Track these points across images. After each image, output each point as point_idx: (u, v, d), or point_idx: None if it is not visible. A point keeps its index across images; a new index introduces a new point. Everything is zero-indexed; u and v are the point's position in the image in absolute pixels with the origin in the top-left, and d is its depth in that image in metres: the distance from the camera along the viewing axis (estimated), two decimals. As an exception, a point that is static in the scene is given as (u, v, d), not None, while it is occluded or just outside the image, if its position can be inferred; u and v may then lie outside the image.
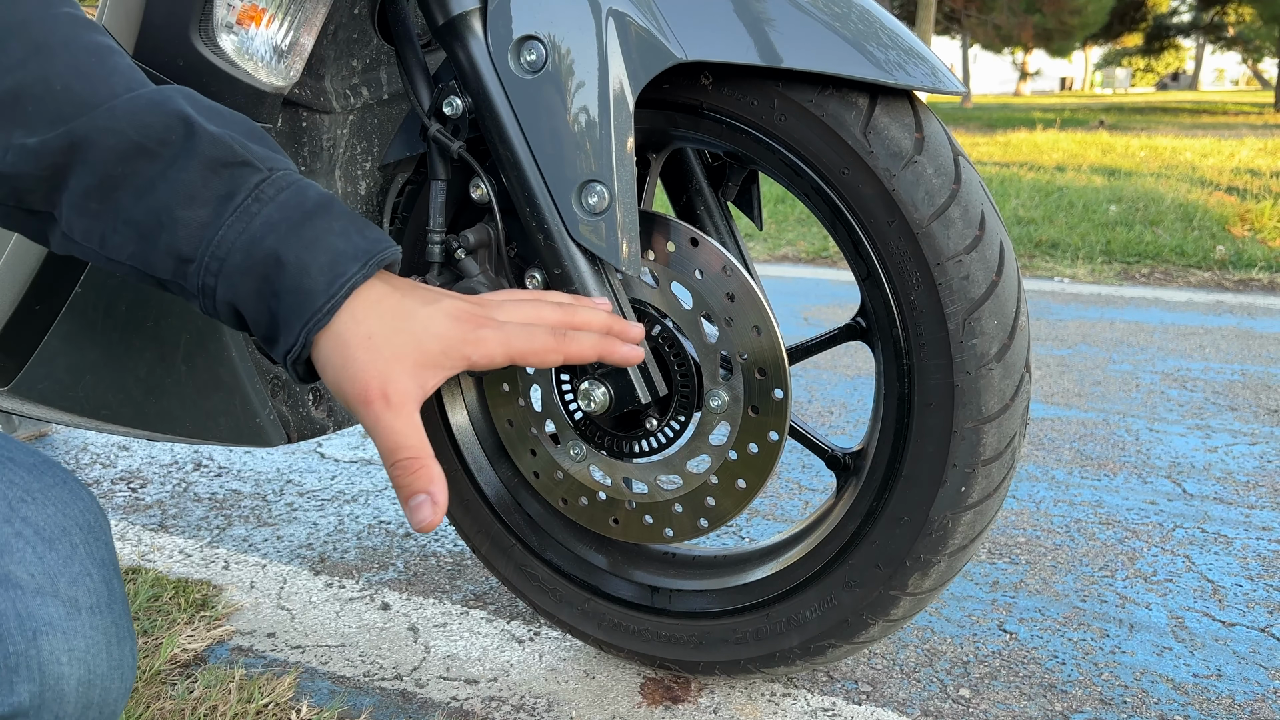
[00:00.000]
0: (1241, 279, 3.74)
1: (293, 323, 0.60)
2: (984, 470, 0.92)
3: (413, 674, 1.18)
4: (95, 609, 0.53)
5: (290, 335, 0.60)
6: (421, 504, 0.60)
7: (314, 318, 0.59)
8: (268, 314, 0.60)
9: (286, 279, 0.59)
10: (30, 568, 0.51)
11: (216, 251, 0.59)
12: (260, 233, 0.59)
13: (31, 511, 0.53)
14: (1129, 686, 1.15)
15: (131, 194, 0.59)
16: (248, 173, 0.60)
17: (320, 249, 0.60)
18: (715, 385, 0.95)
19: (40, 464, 0.57)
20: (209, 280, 0.60)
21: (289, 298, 0.59)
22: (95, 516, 0.57)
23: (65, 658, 0.51)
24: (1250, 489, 1.74)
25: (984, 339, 0.88)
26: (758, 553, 1.09)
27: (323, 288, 0.59)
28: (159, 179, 0.59)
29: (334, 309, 0.60)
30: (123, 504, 1.70)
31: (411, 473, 0.61)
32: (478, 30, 0.88)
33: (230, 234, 0.59)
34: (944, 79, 0.88)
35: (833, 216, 0.90)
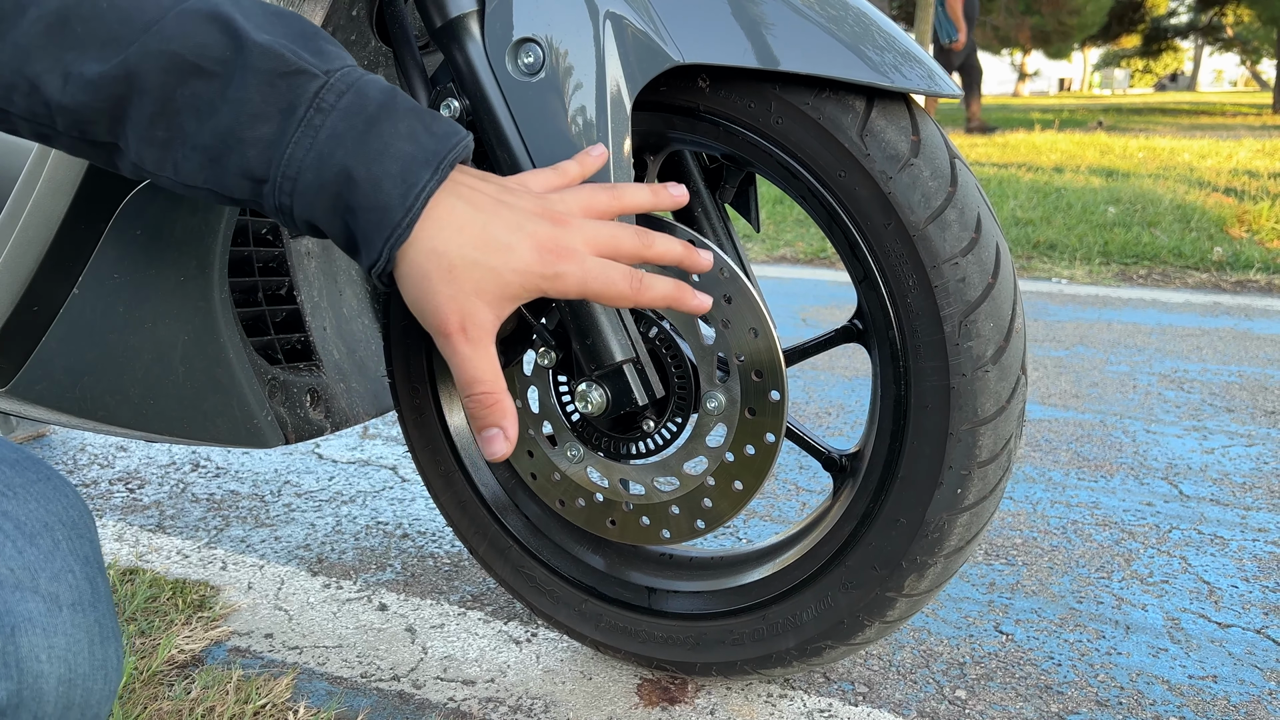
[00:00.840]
0: (1239, 280, 3.74)
1: (373, 239, 0.60)
2: (980, 472, 0.92)
3: (410, 675, 1.18)
4: (77, 606, 0.52)
5: (373, 251, 0.60)
6: (495, 436, 0.63)
7: (394, 233, 0.60)
8: (346, 230, 0.61)
9: (361, 196, 0.59)
10: (10, 562, 0.50)
11: (287, 170, 0.59)
12: (328, 148, 0.59)
13: (12, 506, 0.52)
14: (1125, 688, 1.16)
15: (194, 118, 0.59)
16: (305, 80, 0.60)
17: (390, 157, 0.60)
18: (712, 387, 0.96)
19: (23, 459, 0.56)
20: (284, 200, 0.60)
21: (366, 215, 0.60)
22: (79, 513, 0.56)
23: (45, 655, 0.49)
24: (1247, 490, 1.74)
25: (980, 341, 0.88)
26: (754, 554, 1.10)
27: (398, 201, 0.60)
28: (218, 99, 0.58)
29: (413, 221, 0.60)
30: (120, 504, 1.70)
31: (487, 406, 0.63)
32: (475, 33, 0.88)
33: (298, 151, 0.59)
34: (940, 82, 0.88)
35: (829, 219, 0.91)
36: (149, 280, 0.99)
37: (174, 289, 1.01)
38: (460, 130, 0.64)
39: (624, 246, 0.69)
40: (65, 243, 0.93)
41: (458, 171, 0.65)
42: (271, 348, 1.18)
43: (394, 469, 1.86)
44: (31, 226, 0.91)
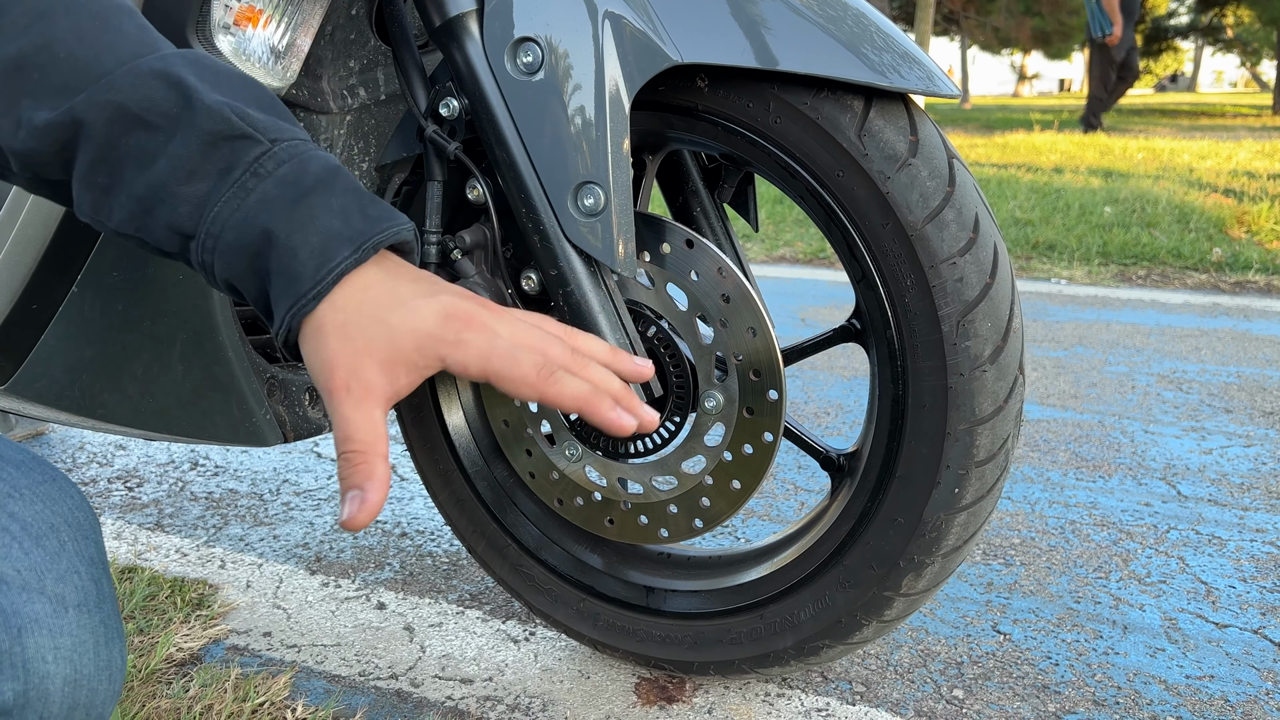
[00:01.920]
0: (1238, 281, 3.75)
1: (281, 305, 0.58)
2: (978, 472, 0.92)
3: (408, 673, 1.18)
4: (83, 607, 0.53)
5: (278, 318, 0.59)
6: (353, 499, 0.57)
7: (299, 303, 0.58)
8: (262, 294, 0.59)
9: (276, 260, 0.58)
10: (16, 563, 0.50)
11: (211, 228, 0.58)
12: (254, 210, 0.58)
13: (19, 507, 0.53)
14: (1122, 688, 1.16)
15: (134, 168, 0.58)
16: (247, 145, 0.59)
17: (313, 230, 0.58)
18: (710, 386, 0.96)
19: (29, 461, 0.56)
20: (207, 258, 0.59)
21: (279, 279, 0.58)
22: (85, 515, 0.56)
23: (51, 656, 0.50)
24: (1244, 491, 1.74)
25: (978, 341, 0.88)
26: (752, 553, 1.10)
27: (310, 273, 0.58)
28: (159, 153, 0.58)
29: (320, 295, 0.58)
30: (119, 503, 1.70)
31: (353, 465, 0.58)
32: (474, 32, 0.88)
33: (225, 210, 0.58)
34: (938, 82, 0.88)
35: (827, 219, 0.91)
36: (148, 278, 0.99)
37: (173, 287, 1.01)
38: (399, 218, 0.61)
39: (550, 352, 0.64)
40: (64, 240, 0.93)
41: (387, 258, 0.62)
42: (270, 346, 1.18)
43: (392, 467, 1.86)
44: (30, 224, 0.91)
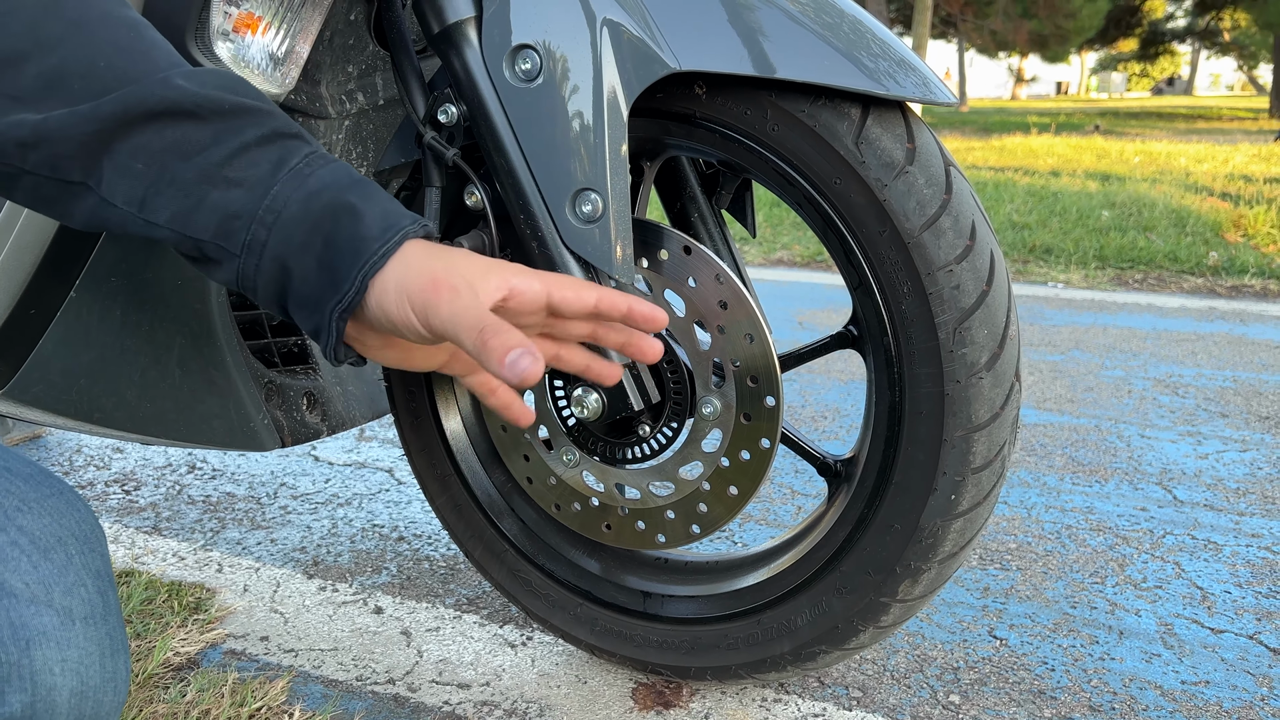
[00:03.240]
0: (1234, 285, 3.75)
1: (349, 268, 0.61)
2: (974, 478, 0.92)
3: (405, 678, 1.18)
4: (89, 620, 0.53)
5: (346, 282, 0.61)
6: (520, 356, 0.56)
7: (370, 260, 0.60)
8: (317, 267, 0.61)
9: (343, 227, 0.61)
10: (25, 577, 0.51)
11: (272, 205, 0.61)
12: (316, 187, 0.61)
13: (28, 521, 0.53)
14: (1117, 693, 1.16)
15: (179, 156, 0.60)
16: (299, 144, 0.63)
17: (373, 203, 0.62)
18: (708, 392, 0.96)
19: (37, 474, 0.57)
20: (260, 233, 0.61)
21: (345, 245, 0.61)
22: (91, 527, 0.57)
23: (58, 668, 0.50)
24: (1240, 496, 1.75)
25: (974, 348, 0.88)
26: (749, 559, 1.10)
27: (377, 234, 0.61)
28: (211, 143, 0.60)
29: (389, 252, 0.61)
30: (116, 506, 1.70)
31: (502, 334, 0.58)
32: (473, 39, 0.88)
33: (286, 189, 0.61)
34: (935, 90, 0.88)
35: (825, 226, 0.91)
36: (146, 283, 0.99)
37: (171, 292, 1.01)
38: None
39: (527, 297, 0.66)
40: (63, 245, 0.93)
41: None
42: (268, 351, 1.18)
43: (390, 471, 1.86)
44: (29, 229, 0.91)
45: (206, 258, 0.63)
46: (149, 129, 0.59)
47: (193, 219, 0.61)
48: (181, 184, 0.60)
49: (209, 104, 0.60)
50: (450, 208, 1.01)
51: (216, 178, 0.60)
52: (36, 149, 0.60)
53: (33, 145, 0.59)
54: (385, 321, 0.62)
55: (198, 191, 0.60)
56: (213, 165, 0.60)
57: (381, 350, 0.67)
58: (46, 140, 0.59)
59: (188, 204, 0.60)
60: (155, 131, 0.59)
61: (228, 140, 0.60)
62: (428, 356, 0.71)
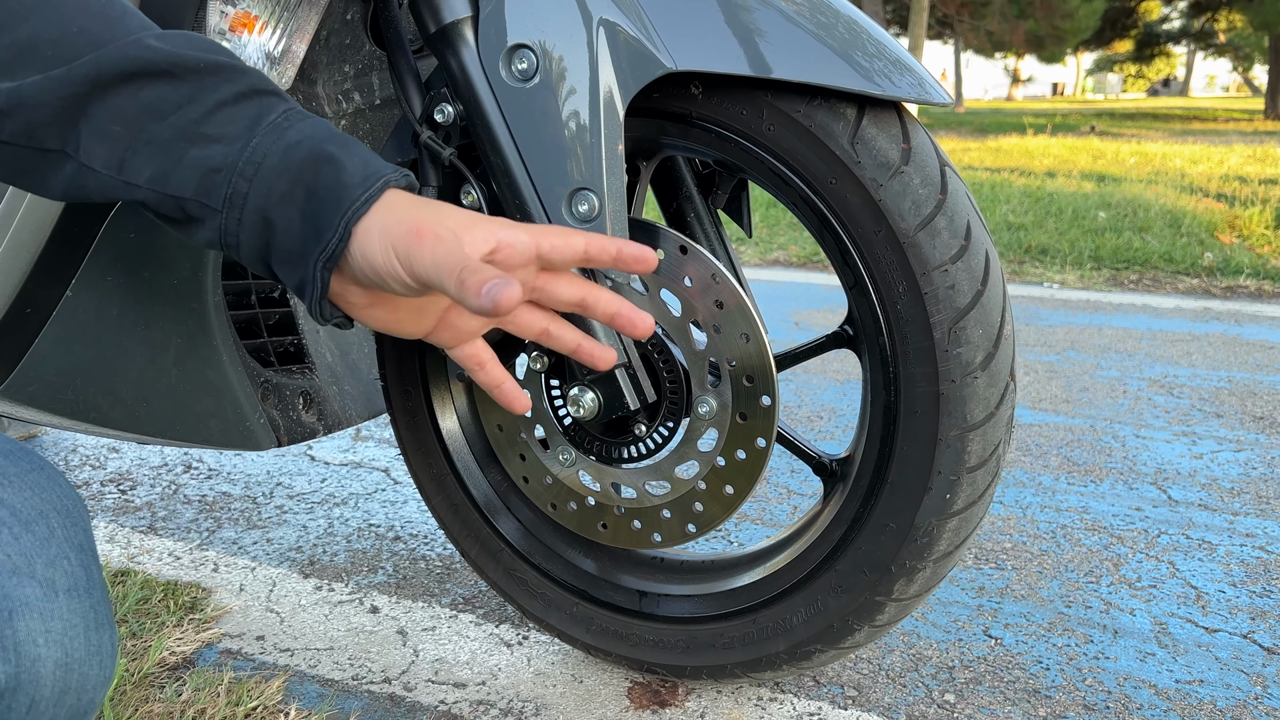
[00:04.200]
0: (1229, 286, 3.76)
1: (331, 216, 0.60)
2: (969, 478, 0.92)
3: (401, 677, 1.18)
4: (73, 592, 0.53)
5: (329, 230, 0.60)
6: (495, 284, 0.56)
7: (352, 206, 0.60)
8: (300, 217, 0.61)
9: (324, 176, 0.60)
10: (6, 548, 0.50)
11: (252, 156, 0.60)
12: (295, 139, 0.61)
13: (8, 494, 0.53)
14: (1112, 692, 1.16)
15: (156, 116, 0.60)
16: (276, 100, 0.63)
17: (353, 152, 0.62)
18: (704, 392, 0.96)
19: (16, 450, 0.56)
20: (241, 185, 0.60)
21: (327, 194, 0.60)
22: (73, 502, 0.56)
23: (42, 639, 0.50)
24: (1234, 496, 1.75)
25: (969, 348, 0.89)
26: (745, 558, 1.10)
27: (359, 181, 0.61)
28: (187, 102, 0.60)
29: (372, 199, 0.61)
30: (112, 506, 1.70)
31: (479, 271, 0.57)
32: (469, 38, 0.88)
33: (265, 142, 0.61)
34: (931, 90, 0.89)
35: (820, 225, 0.91)
36: (143, 282, 0.99)
37: (167, 291, 1.01)
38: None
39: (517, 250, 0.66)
40: (59, 245, 0.93)
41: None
42: (264, 350, 1.18)
43: (386, 471, 1.86)
44: (25, 229, 0.91)
45: (189, 217, 0.62)
46: (124, 90, 0.59)
47: (172, 177, 0.61)
48: (159, 143, 0.60)
49: (183, 63, 0.60)
50: (447, 207, 1.00)
51: (194, 135, 0.60)
52: (11, 117, 0.59)
53: (7, 114, 0.59)
54: (369, 270, 0.61)
55: (176, 150, 0.60)
56: (190, 123, 0.60)
57: (367, 309, 0.66)
58: (21, 107, 0.59)
59: (167, 163, 0.60)
60: (130, 93, 0.59)
61: (204, 98, 0.60)
62: (415, 318, 0.69)
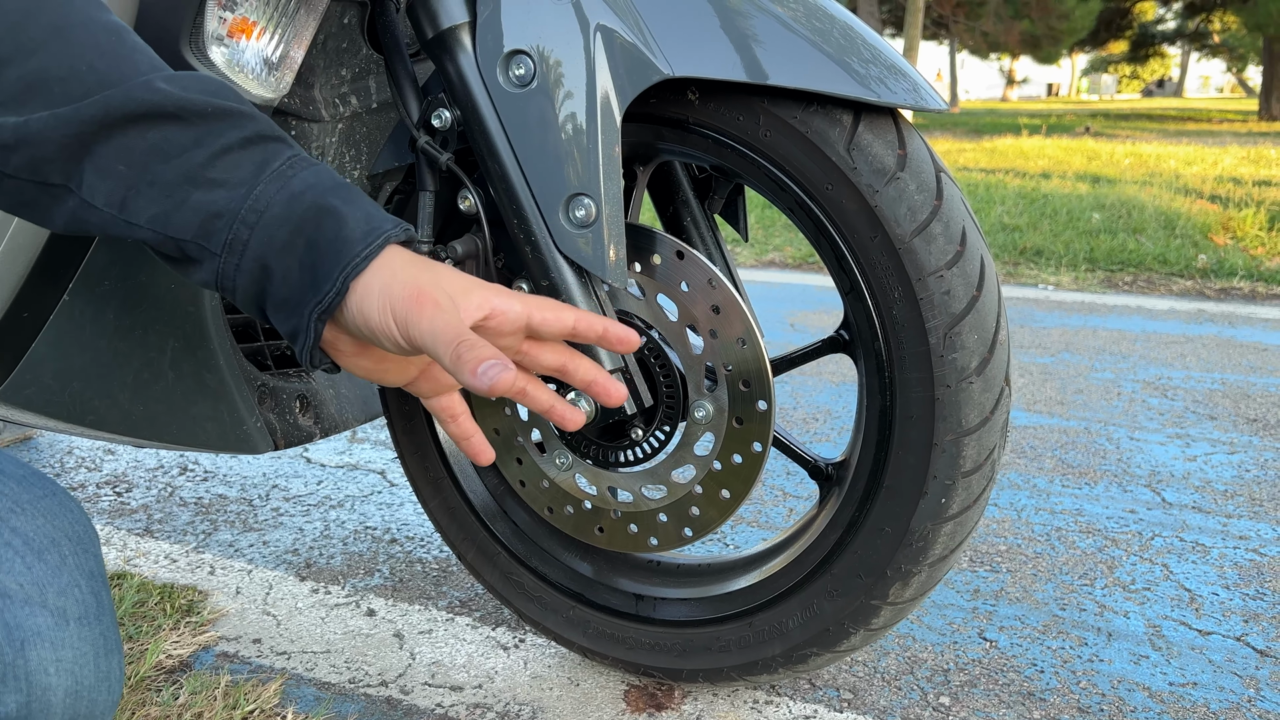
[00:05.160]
0: (1223, 287, 3.78)
1: (330, 269, 0.61)
2: (964, 482, 0.93)
3: (398, 680, 1.19)
4: (84, 620, 0.53)
5: (327, 283, 0.61)
6: (491, 366, 0.58)
7: (352, 262, 0.60)
8: (299, 268, 0.61)
9: (326, 229, 0.61)
10: (19, 578, 0.51)
11: (255, 205, 0.61)
12: (299, 189, 0.61)
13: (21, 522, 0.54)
14: (1106, 695, 1.17)
15: (161, 158, 0.60)
16: (281, 147, 0.63)
17: (356, 206, 0.62)
18: (700, 396, 0.96)
19: (29, 476, 0.57)
20: (242, 233, 0.61)
21: (327, 247, 0.61)
22: (84, 528, 0.57)
23: (53, 668, 0.51)
24: (1228, 498, 1.76)
25: (964, 353, 0.89)
26: (741, 561, 1.10)
27: (360, 236, 0.61)
28: (193, 145, 0.60)
29: (371, 255, 0.61)
30: (108, 508, 1.70)
31: (476, 348, 0.59)
32: (467, 44, 0.89)
33: (269, 190, 0.61)
34: (925, 96, 0.89)
35: (816, 231, 0.92)
36: (139, 286, 0.99)
37: (164, 295, 1.01)
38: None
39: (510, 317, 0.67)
40: (56, 250, 0.93)
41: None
42: (261, 354, 1.18)
43: (382, 473, 1.87)
44: (22, 233, 0.91)
45: (187, 258, 0.62)
46: (131, 131, 0.59)
47: (173, 219, 0.61)
48: (163, 185, 0.60)
49: (191, 106, 0.60)
50: (444, 212, 1.01)
51: (199, 178, 0.60)
52: (17, 151, 0.59)
53: (13, 148, 0.59)
54: (364, 327, 0.62)
55: (179, 192, 0.60)
56: (195, 166, 0.60)
57: (355, 358, 0.67)
58: (27, 143, 0.59)
59: (169, 204, 0.60)
60: (137, 134, 0.60)
61: (210, 142, 0.60)
62: (400, 370, 0.71)
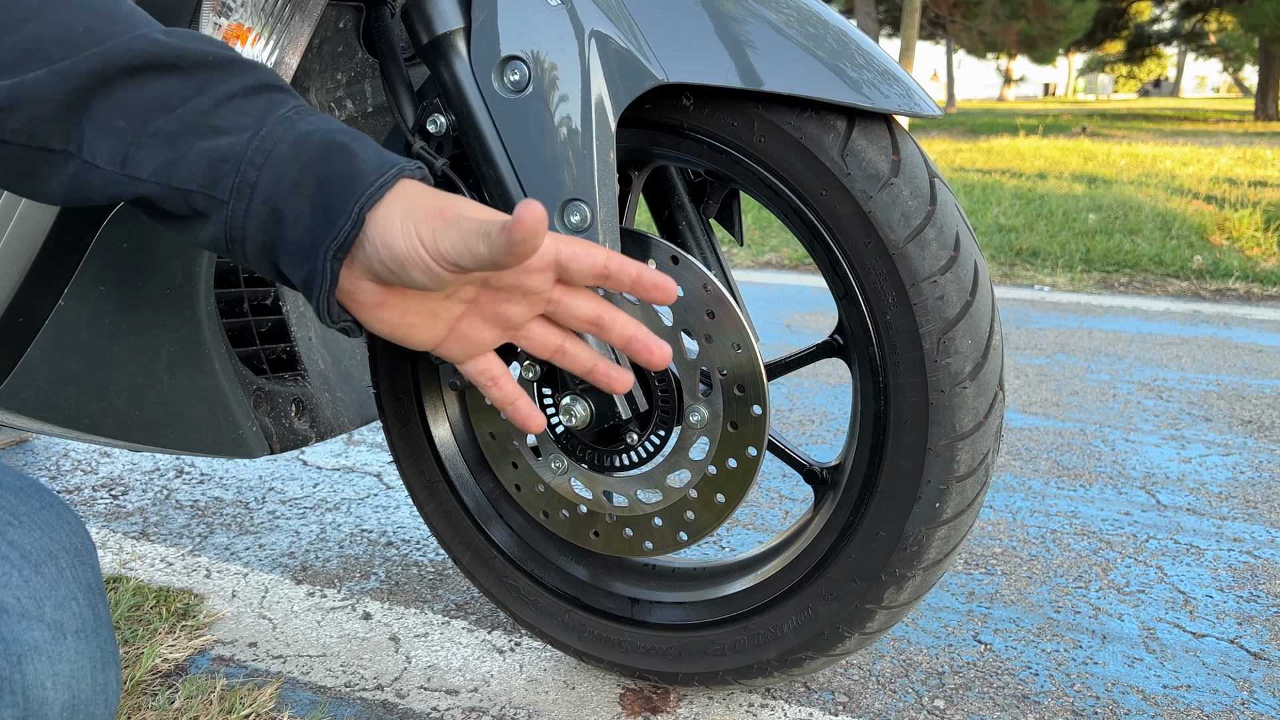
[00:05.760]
0: (1218, 288, 3.78)
1: (344, 203, 0.58)
2: (958, 486, 0.93)
3: (394, 684, 1.19)
4: (81, 633, 0.54)
5: (342, 216, 0.59)
6: (527, 205, 0.54)
7: (366, 192, 0.58)
8: (310, 207, 0.59)
9: (336, 164, 0.59)
10: (16, 592, 0.51)
11: (261, 145, 0.59)
12: (307, 129, 0.60)
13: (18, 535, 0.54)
14: (1100, 698, 1.17)
15: (162, 109, 0.59)
16: (286, 96, 0.62)
17: (365, 143, 0.61)
18: (695, 401, 0.97)
19: (26, 487, 0.57)
20: (249, 174, 0.59)
21: (339, 182, 0.59)
22: (81, 540, 0.57)
23: (50, 682, 0.51)
24: (1222, 500, 1.76)
25: (958, 358, 0.89)
26: (736, 565, 1.11)
27: (374, 168, 0.59)
28: (195, 94, 0.59)
29: (385, 186, 0.59)
30: (104, 511, 1.70)
31: (503, 224, 0.56)
32: (462, 50, 0.89)
33: (275, 131, 0.60)
34: (919, 102, 0.89)
35: (811, 236, 0.92)
36: (135, 290, 1.00)
37: (160, 299, 1.02)
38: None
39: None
40: (51, 255, 0.93)
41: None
42: (257, 358, 1.19)
43: (378, 476, 1.87)
44: (17, 239, 0.91)
45: (194, 211, 0.61)
46: (130, 84, 0.58)
47: (178, 169, 0.59)
48: (165, 136, 0.59)
49: (191, 57, 0.59)
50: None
51: (202, 127, 0.59)
52: (13, 113, 0.58)
53: (9, 109, 0.58)
54: (388, 259, 0.59)
55: (183, 142, 0.59)
56: (198, 115, 0.59)
57: (377, 309, 0.63)
58: (23, 102, 0.58)
59: (173, 155, 0.59)
60: (136, 87, 0.59)
61: (212, 90, 0.59)
62: (428, 322, 0.66)
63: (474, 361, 0.69)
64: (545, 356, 0.69)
